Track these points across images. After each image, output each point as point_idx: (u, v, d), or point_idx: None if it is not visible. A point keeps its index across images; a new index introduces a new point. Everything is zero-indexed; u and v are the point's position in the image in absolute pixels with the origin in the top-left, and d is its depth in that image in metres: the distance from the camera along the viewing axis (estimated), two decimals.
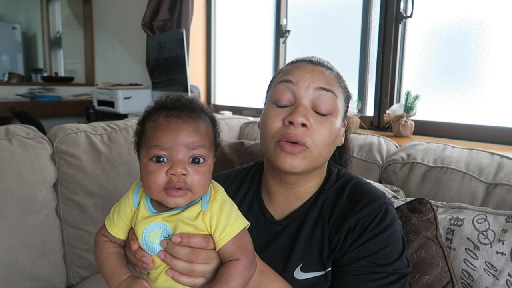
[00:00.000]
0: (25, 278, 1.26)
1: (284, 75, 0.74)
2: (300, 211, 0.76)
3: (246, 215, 0.69)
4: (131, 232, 0.64)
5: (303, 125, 0.68)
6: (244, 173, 0.87)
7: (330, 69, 0.76)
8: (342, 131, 0.78)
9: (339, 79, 0.76)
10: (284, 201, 0.77)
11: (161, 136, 0.60)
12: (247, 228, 0.65)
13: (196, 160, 0.61)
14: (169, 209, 0.62)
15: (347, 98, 0.78)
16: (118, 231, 0.65)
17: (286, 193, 0.77)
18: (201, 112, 0.64)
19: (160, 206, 0.63)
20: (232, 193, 0.80)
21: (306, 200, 0.76)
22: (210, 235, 0.62)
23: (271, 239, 0.76)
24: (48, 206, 1.33)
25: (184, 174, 0.59)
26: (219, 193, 0.65)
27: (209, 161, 0.63)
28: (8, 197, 1.23)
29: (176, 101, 0.64)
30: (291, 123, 0.68)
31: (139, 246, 0.62)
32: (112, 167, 1.44)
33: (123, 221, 0.65)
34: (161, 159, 0.59)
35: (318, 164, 0.73)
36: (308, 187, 0.76)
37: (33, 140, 1.33)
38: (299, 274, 0.72)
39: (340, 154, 0.86)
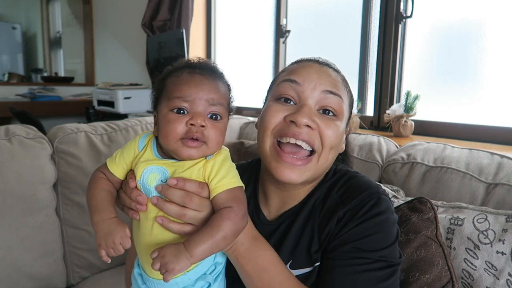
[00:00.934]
0: (25, 278, 1.26)
1: (288, 74, 0.71)
2: (292, 210, 0.74)
3: None
4: (131, 172, 0.65)
5: (308, 126, 0.65)
6: (241, 170, 0.85)
7: (337, 71, 0.73)
8: (344, 137, 0.76)
9: (345, 82, 0.73)
10: (280, 203, 0.76)
11: (184, 89, 0.62)
12: (243, 189, 0.65)
13: (214, 116, 0.63)
14: (173, 159, 0.63)
15: (351, 102, 0.75)
16: (117, 169, 0.66)
17: (282, 195, 0.75)
18: (221, 75, 0.68)
19: (164, 156, 0.64)
20: None
21: (300, 200, 0.75)
22: (206, 184, 0.62)
23: None
24: (48, 206, 1.33)
25: (203, 126, 0.61)
26: (225, 150, 0.67)
27: (224, 119, 0.65)
28: (8, 197, 1.23)
29: (199, 61, 0.67)
30: (293, 122, 0.65)
31: (136, 186, 0.63)
32: None
33: (124, 161, 0.66)
34: (182, 111, 0.61)
35: (322, 172, 0.70)
36: (306, 189, 0.74)
37: (33, 140, 1.33)
38: None
39: (343, 159, 0.84)
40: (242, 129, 1.85)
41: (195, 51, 2.74)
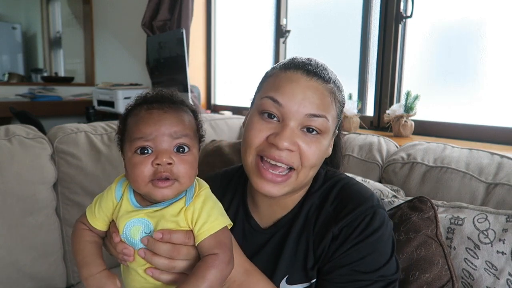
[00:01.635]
0: (25, 278, 1.26)
1: (274, 89, 0.67)
2: (285, 220, 0.73)
3: (232, 223, 0.67)
4: (112, 224, 0.64)
5: (289, 150, 0.64)
6: (229, 178, 0.84)
7: (327, 80, 0.68)
8: (331, 141, 0.74)
9: (334, 93, 0.69)
10: (269, 210, 0.75)
11: (144, 128, 0.59)
12: (229, 227, 0.64)
13: (181, 149, 0.60)
14: (153, 204, 0.62)
15: (341, 112, 0.73)
16: (98, 222, 0.64)
17: (270, 203, 0.74)
18: (182, 104, 0.64)
19: (143, 201, 0.63)
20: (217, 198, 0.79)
21: (291, 208, 0.74)
22: (191, 231, 0.61)
23: (257, 249, 0.75)
24: (48, 206, 1.33)
25: (170, 163, 0.58)
26: (203, 189, 0.64)
27: (193, 150, 0.62)
28: (8, 197, 1.23)
29: (156, 94, 0.64)
30: (274, 145, 0.64)
31: (121, 240, 0.61)
32: (112, 167, 1.44)
33: (104, 213, 0.64)
34: (146, 150, 0.59)
35: (303, 185, 0.70)
36: (294, 198, 0.73)
37: (33, 140, 1.33)
38: (285, 286, 0.71)
39: (331, 157, 0.80)
40: (242, 129, 1.85)
41: (195, 51, 2.74)
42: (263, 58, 2.46)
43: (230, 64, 2.77)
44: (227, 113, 2.32)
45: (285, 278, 0.70)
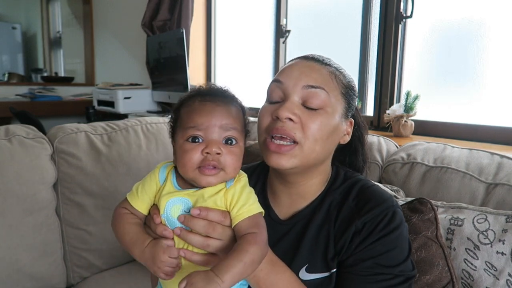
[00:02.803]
0: (25, 278, 1.26)
1: (276, 75, 0.74)
2: (306, 212, 0.75)
3: None
4: (153, 207, 0.66)
5: (291, 120, 0.68)
6: (250, 171, 0.86)
7: (327, 64, 0.73)
8: (346, 128, 0.75)
9: (335, 74, 0.73)
10: (288, 201, 0.77)
11: (196, 118, 0.63)
12: (262, 215, 0.66)
13: (229, 141, 0.64)
14: (194, 187, 0.64)
15: (348, 94, 0.74)
16: (141, 204, 0.66)
17: (289, 192, 0.77)
18: (232, 99, 0.68)
19: (185, 185, 0.65)
20: None
21: (311, 201, 0.76)
22: (228, 212, 0.63)
23: (277, 239, 0.76)
24: (48, 206, 1.33)
25: (219, 153, 0.62)
26: (243, 176, 0.68)
27: (240, 143, 0.66)
28: (8, 197, 1.23)
29: (209, 88, 0.69)
30: (277, 118, 0.68)
31: (160, 222, 0.63)
32: (112, 167, 1.44)
33: (147, 196, 0.66)
34: (197, 139, 0.63)
35: (312, 161, 0.71)
36: (311, 186, 0.75)
37: (33, 140, 1.33)
38: (304, 275, 0.72)
39: (351, 158, 0.83)
40: None
41: (195, 51, 2.74)
42: (263, 58, 2.46)
43: (230, 64, 2.77)
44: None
45: (304, 267, 0.72)
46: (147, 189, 0.66)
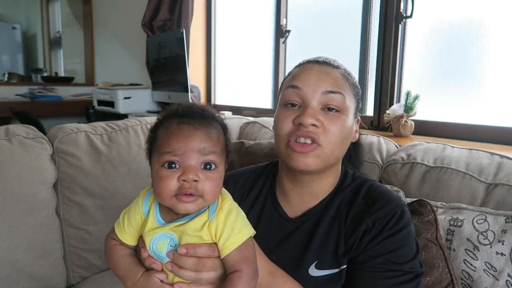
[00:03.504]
0: (25, 278, 1.26)
1: (291, 79, 0.75)
2: (316, 210, 0.77)
3: (260, 212, 0.73)
4: (141, 239, 0.65)
5: (314, 125, 0.69)
6: (259, 171, 0.88)
7: (337, 67, 0.76)
8: (356, 127, 0.79)
9: (346, 76, 0.76)
10: (299, 200, 0.78)
11: (173, 143, 0.60)
12: (252, 236, 0.65)
13: (208, 166, 0.61)
14: (177, 218, 0.62)
15: (357, 93, 0.78)
16: (128, 238, 0.66)
17: (301, 192, 0.78)
18: (212, 120, 0.65)
19: (168, 216, 0.63)
20: (246, 191, 0.85)
21: (321, 199, 0.77)
22: (215, 244, 0.62)
23: (285, 237, 0.77)
24: (48, 206, 1.33)
25: (196, 181, 0.59)
26: (226, 202, 0.65)
27: (220, 167, 0.63)
28: (8, 197, 1.23)
29: (187, 108, 0.64)
30: (300, 124, 0.70)
31: (149, 255, 0.63)
32: (112, 167, 1.44)
33: (134, 229, 0.65)
34: (173, 165, 0.60)
35: (331, 162, 0.74)
36: (323, 186, 0.77)
37: (33, 140, 1.33)
38: (313, 271, 0.73)
39: (356, 153, 0.87)
40: (242, 129, 1.85)
41: (195, 51, 2.74)
42: (263, 58, 2.46)
43: (230, 64, 2.77)
44: (227, 113, 2.32)
45: (314, 264, 0.73)
46: (133, 222, 0.65)
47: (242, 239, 0.62)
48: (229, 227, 0.61)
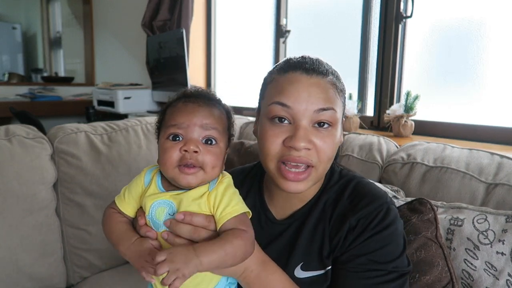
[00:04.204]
0: (25, 278, 1.26)
1: (278, 93, 0.68)
2: (302, 211, 0.76)
3: None
4: (139, 210, 0.68)
5: (306, 148, 0.66)
6: (245, 173, 0.87)
7: (325, 74, 0.69)
8: (341, 129, 0.76)
9: (335, 84, 0.70)
10: (286, 203, 0.78)
11: (178, 117, 0.65)
12: (248, 216, 0.67)
13: (209, 141, 0.65)
14: (178, 189, 0.65)
15: (344, 98, 0.74)
16: (127, 207, 0.68)
17: (288, 196, 0.77)
18: (216, 102, 0.70)
19: (169, 186, 0.66)
20: None
21: (307, 201, 0.76)
22: (212, 216, 0.64)
23: (273, 238, 0.77)
24: (48, 206, 1.33)
25: (196, 152, 0.63)
26: (226, 177, 0.69)
27: (221, 144, 0.67)
28: (8, 197, 1.23)
29: (194, 91, 0.70)
30: (292, 147, 0.66)
31: (145, 223, 0.65)
32: (112, 167, 1.44)
33: (133, 198, 0.68)
34: (177, 138, 0.64)
35: (322, 176, 0.73)
36: (310, 190, 0.76)
37: (33, 140, 1.33)
38: (299, 273, 0.73)
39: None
40: (242, 129, 1.85)
41: (195, 51, 2.74)
42: (263, 58, 2.46)
43: (230, 64, 2.77)
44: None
45: (300, 265, 0.73)
46: (133, 192, 0.68)
47: (239, 211, 0.64)
48: (227, 198, 0.64)
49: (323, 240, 0.72)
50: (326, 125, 0.68)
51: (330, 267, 0.72)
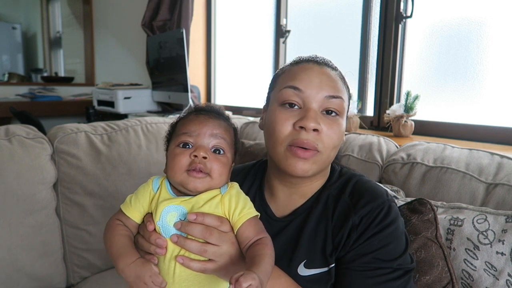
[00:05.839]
0: (25, 278, 1.26)
1: (290, 79, 0.73)
2: (303, 208, 0.76)
3: None
4: (147, 215, 0.68)
5: (315, 129, 0.69)
6: (246, 171, 0.88)
7: (335, 69, 0.76)
8: (345, 124, 0.79)
9: (343, 79, 0.76)
10: (287, 199, 0.78)
11: (189, 126, 0.69)
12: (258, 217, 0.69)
13: (217, 151, 0.68)
14: (187, 195, 0.66)
15: (349, 94, 0.79)
16: (134, 212, 0.68)
17: (290, 192, 0.78)
18: (225, 117, 0.74)
19: (179, 194, 0.68)
20: None
21: (308, 198, 0.77)
22: (225, 218, 0.65)
23: (273, 236, 0.76)
24: (48, 206, 1.33)
25: (205, 158, 0.65)
26: (235, 184, 0.71)
27: (228, 155, 0.69)
28: (8, 197, 1.23)
29: (205, 106, 0.75)
30: (302, 128, 0.69)
31: (154, 229, 0.65)
32: (112, 167, 1.44)
33: (141, 204, 0.68)
34: (187, 145, 0.67)
35: (326, 166, 0.74)
36: (312, 186, 0.77)
37: (33, 140, 1.33)
38: (302, 270, 0.73)
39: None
40: (242, 129, 1.86)
41: (195, 51, 2.74)
42: (263, 58, 2.46)
43: (230, 64, 2.77)
44: (227, 113, 2.32)
45: (303, 263, 0.73)
46: (140, 198, 0.68)
47: (254, 213, 0.67)
48: (242, 201, 0.67)
49: (326, 237, 0.72)
50: (333, 114, 0.71)
51: (333, 265, 0.72)
